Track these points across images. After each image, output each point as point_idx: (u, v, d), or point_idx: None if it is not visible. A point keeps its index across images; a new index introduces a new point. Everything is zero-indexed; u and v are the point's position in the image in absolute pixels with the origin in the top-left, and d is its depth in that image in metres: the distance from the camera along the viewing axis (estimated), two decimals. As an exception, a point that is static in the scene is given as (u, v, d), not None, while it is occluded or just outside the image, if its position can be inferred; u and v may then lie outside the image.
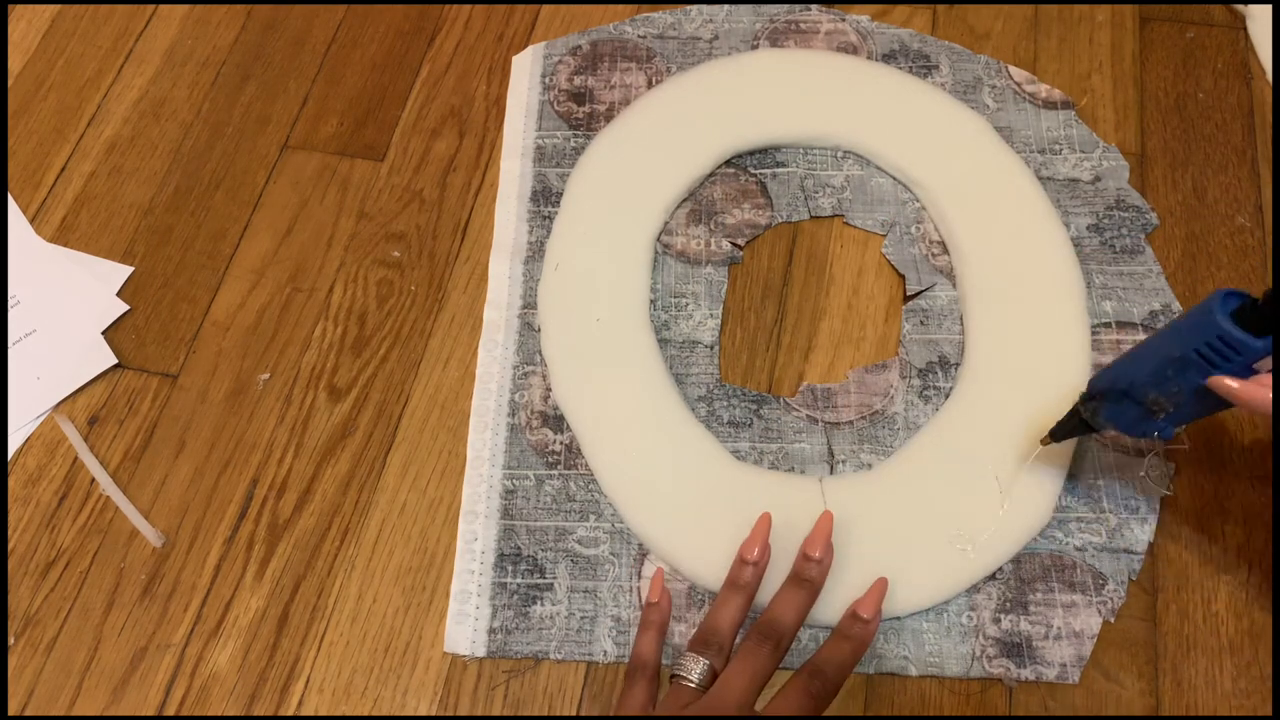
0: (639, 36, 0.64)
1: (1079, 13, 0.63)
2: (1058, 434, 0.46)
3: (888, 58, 0.62)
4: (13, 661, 0.47)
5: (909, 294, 0.55)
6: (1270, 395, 0.39)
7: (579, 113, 0.61)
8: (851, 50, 0.62)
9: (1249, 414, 0.44)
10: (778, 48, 0.62)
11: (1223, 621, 0.46)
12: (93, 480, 0.51)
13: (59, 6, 0.67)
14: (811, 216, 0.57)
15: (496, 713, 0.46)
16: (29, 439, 0.53)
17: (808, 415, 0.52)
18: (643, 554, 0.49)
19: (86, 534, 0.50)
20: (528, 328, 0.55)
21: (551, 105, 0.61)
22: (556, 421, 0.52)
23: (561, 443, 0.52)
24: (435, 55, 0.64)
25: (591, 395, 0.52)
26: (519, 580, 0.49)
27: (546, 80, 0.62)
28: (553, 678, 0.46)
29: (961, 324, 0.54)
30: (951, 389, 0.52)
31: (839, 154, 0.59)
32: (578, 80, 0.62)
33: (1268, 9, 0.62)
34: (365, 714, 0.46)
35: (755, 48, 0.63)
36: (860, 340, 0.54)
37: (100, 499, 0.51)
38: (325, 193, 0.60)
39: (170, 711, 0.46)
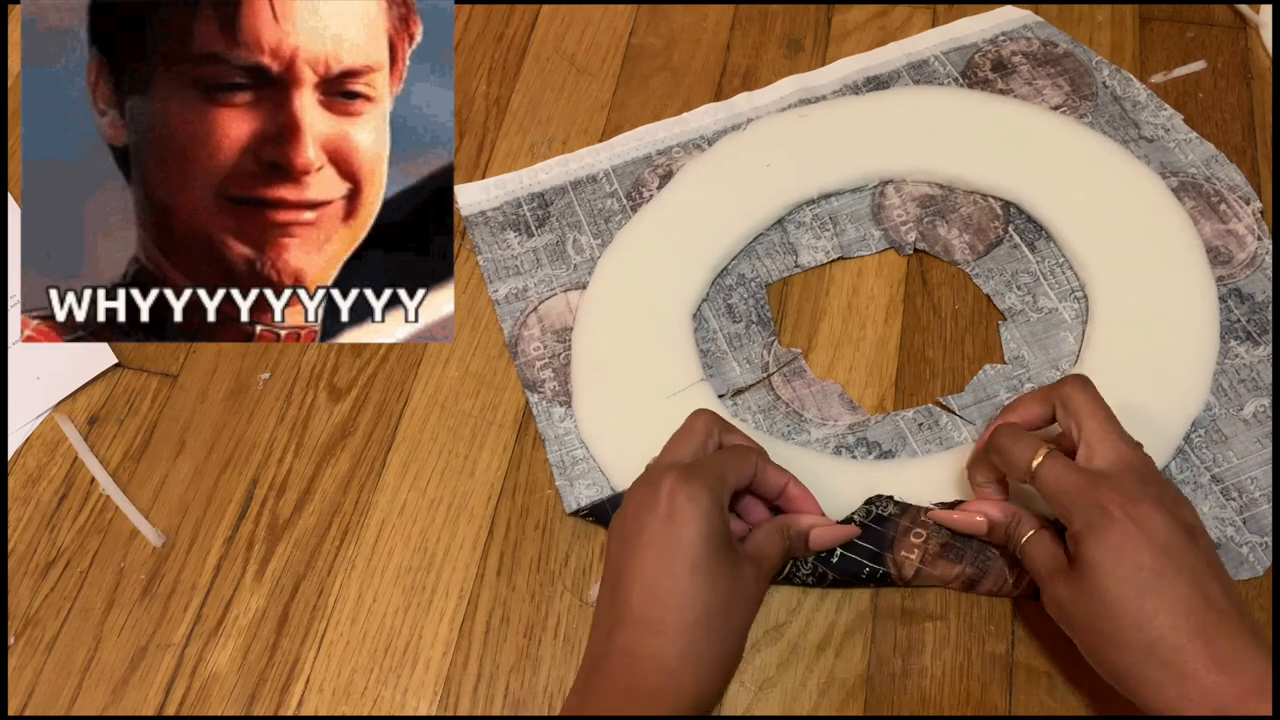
0: None
1: (1079, 13, 0.63)
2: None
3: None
4: (13, 661, 0.47)
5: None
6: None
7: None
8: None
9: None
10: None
11: (1223, 621, 0.46)
12: (93, 480, 0.51)
13: (59, 6, 0.67)
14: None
15: (496, 713, 0.46)
16: (29, 439, 0.53)
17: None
18: None
19: (86, 534, 0.50)
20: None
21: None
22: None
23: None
24: (435, 55, 0.64)
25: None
26: None
27: None
28: (553, 677, 0.46)
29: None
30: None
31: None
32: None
33: (1269, 8, 0.61)
34: (365, 714, 0.46)
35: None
36: (860, 340, 0.54)
37: (100, 499, 0.51)
38: (325, 193, 0.59)
39: (170, 711, 0.46)
